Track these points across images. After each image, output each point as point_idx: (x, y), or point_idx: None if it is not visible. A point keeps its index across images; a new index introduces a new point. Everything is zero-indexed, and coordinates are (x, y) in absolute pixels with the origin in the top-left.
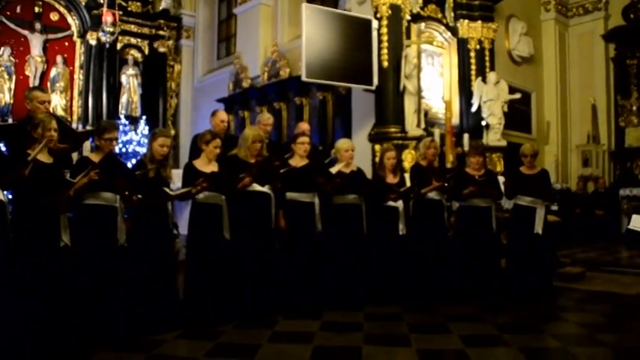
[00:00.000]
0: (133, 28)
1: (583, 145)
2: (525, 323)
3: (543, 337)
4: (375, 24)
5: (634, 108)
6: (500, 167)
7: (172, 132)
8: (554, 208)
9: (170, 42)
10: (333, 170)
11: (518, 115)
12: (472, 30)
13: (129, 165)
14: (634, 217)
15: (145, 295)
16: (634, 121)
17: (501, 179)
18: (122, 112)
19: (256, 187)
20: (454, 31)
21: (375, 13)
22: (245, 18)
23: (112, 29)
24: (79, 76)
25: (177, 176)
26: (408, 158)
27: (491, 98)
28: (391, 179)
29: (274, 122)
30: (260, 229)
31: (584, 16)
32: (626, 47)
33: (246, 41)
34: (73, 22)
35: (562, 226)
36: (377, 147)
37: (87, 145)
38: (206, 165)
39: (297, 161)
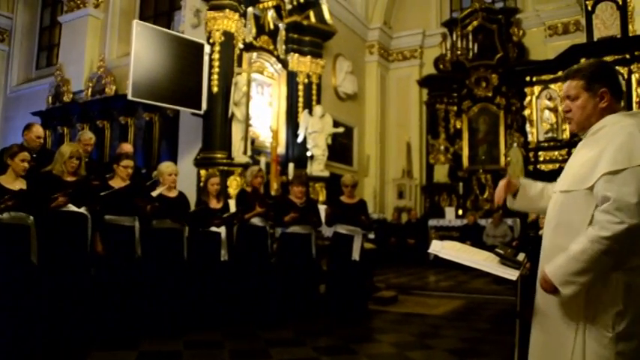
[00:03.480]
0: None
1: (398, 179)
2: (342, 345)
3: (358, 357)
4: (207, 49)
5: (442, 148)
6: (322, 196)
7: None
8: (371, 236)
9: None
10: (154, 193)
11: (341, 147)
12: (302, 64)
13: None
14: (434, 242)
15: None
16: (441, 159)
17: (323, 208)
18: None
19: (72, 207)
20: (285, 63)
21: (208, 38)
22: (71, 28)
23: None
24: None
25: None
26: (234, 185)
27: (316, 130)
28: (215, 204)
29: (96, 141)
30: (75, 253)
31: (403, 62)
32: (437, 93)
33: (71, 53)
34: None
35: (378, 253)
36: (203, 172)
37: None
38: (12, 181)
39: (118, 182)
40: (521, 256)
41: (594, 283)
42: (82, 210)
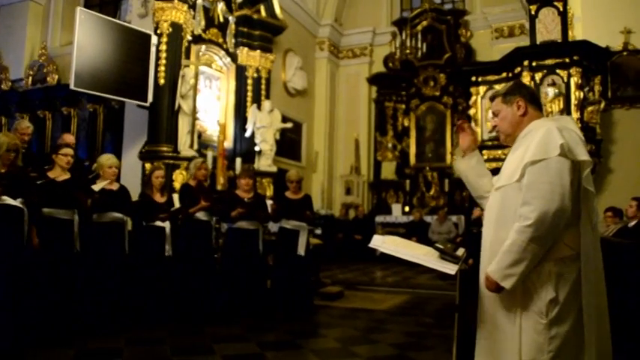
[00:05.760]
0: None
1: (346, 175)
2: (287, 340)
3: (303, 352)
4: (154, 40)
5: (389, 145)
6: (270, 192)
7: None
8: (318, 232)
9: None
10: (96, 188)
11: (289, 143)
12: (251, 58)
13: None
14: (375, 237)
15: None
16: (389, 156)
17: (270, 203)
18: None
19: (6, 200)
20: (234, 57)
21: (156, 29)
22: (10, 12)
23: None
24: None
25: None
26: (179, 179)
27: (264, 125)
28: (159, 198)
29: (36, 131)
30: (9, 247)
31: (353, 59)
32: (385, 91)
33: (10, 39)
34: None
35: (324, 249)
36: (148, 165)
37: None
38: None
39: (58, 174)
40: (460, 251)
41: (529, 275)
42: (17, 202)
